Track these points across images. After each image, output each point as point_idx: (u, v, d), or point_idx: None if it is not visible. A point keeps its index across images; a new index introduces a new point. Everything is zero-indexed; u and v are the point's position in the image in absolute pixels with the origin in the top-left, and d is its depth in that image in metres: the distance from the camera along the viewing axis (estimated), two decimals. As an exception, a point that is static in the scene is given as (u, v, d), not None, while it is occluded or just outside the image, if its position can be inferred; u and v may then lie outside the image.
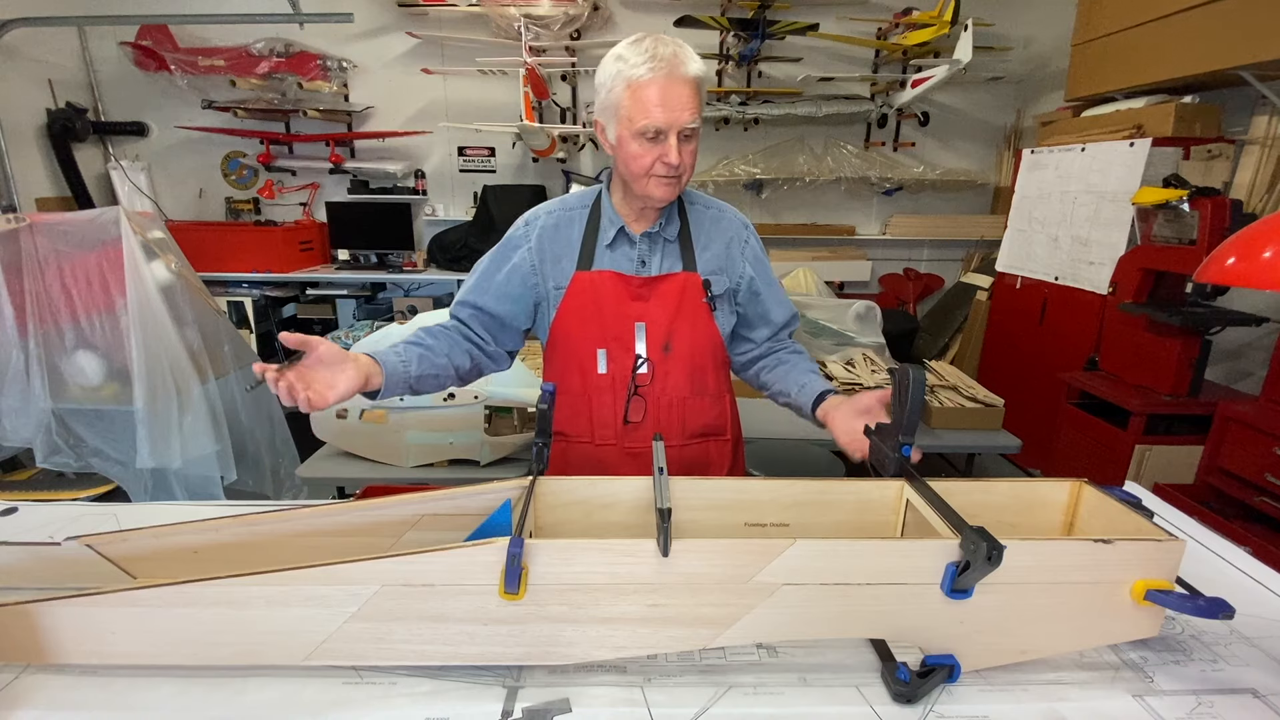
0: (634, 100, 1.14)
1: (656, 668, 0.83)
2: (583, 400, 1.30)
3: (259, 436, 2.70)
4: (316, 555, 0.84)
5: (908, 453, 0.94)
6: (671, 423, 1.31)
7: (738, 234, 1.36)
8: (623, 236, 1.29)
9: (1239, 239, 1.00)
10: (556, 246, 1.31)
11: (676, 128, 1.14)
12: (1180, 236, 2.56)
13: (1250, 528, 2.14)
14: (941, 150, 4.63)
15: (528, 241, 1.32)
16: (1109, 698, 0.79)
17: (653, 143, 1.16)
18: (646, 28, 4.22)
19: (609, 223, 1.30)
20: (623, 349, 1.28)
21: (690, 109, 1.14)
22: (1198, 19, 2.68)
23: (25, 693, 0.77)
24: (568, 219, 1.32)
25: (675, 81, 1.12)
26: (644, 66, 1.12)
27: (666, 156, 1.15)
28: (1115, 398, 2.67)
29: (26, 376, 2.26)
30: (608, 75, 1.18)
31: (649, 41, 1.15)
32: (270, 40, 4.18)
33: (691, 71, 1.14)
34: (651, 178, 1.19)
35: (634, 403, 1.28)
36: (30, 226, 2.22)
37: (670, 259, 1.30)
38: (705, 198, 1.39)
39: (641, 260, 1.29)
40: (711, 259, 1.32)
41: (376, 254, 4.51)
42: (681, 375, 1.30)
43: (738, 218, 1.38)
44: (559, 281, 1.30)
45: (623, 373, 1.28)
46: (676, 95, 1.13)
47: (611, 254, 1.29)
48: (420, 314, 2.06)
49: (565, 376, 1.31)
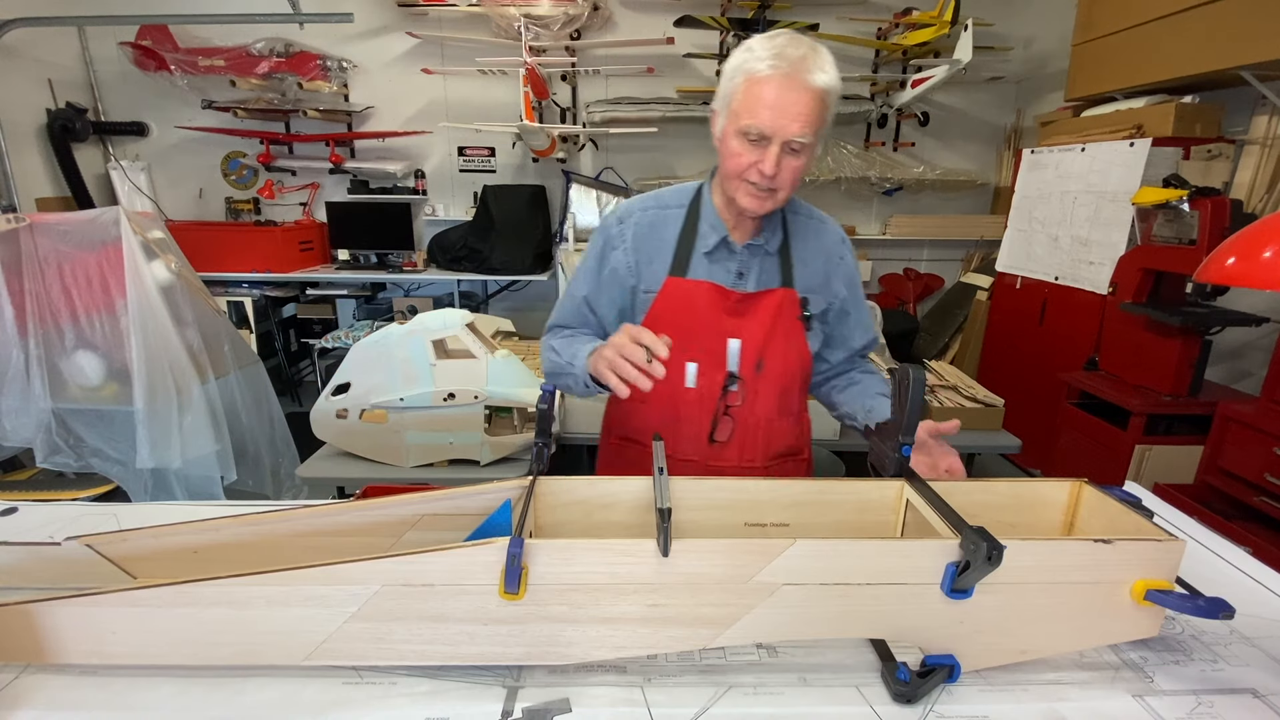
0: (746, 95, 1.05)
1: (656, 668, 0.83)
2: (669, 412, 1.25)
3: (259, 436, 2.70)
4: (316, 555, 0.84)
5: (908, 453, 0.94)
6: (756, 443, 1.25)
7: (835, 250, 1.28)
8: (724, 246, 1.21)
9: (1239, 239, 1.00)
10: (650, 247, 1.23)
11: (782, 137, 1.04)
12: (1180, 236, 2.56)
13: (1250, 528, 2.14)
14: (941, 150, 4.63)
15: (624, 241, 1.25)
16: (1109, 698, 0.79)
17: (754, 146, 1.07)
18: (646, 28, 4.29)
19: (710, 228, 1.21)
20: (714, 364, 1.22)
21: (802, 120, 1.04)
22: (1198, 19, 2.68)
23: (25, 693, 0.77)
24: (663, 218, 1.25)
25: (795, 86, 1.03)
26: (766, 62, 1.03)
27: (762, 165, 1.06)
28: (1115, 398, 2.67)
29: (26, 376, 2.26)
30: (732, 64, 1.09)
31: (783, 38, 1.05)
32: (270, 40, 4.18)
33: (817, 81, 1.04)
34: (742, 183, 1.11)
35: (722, 422, 1.22)
36: (30, 226, 2.22)
37: (769, 272, 1.23)
38: (808, 206, 1.30)
39: (739, 272, 1.22)
40: (810, 275, 1.25)
41: (376, 254, 4.51)
42: (771, 395, 1.24)
43: (837, 231, 1.30)
44: (650, 285, 1.23)
45: (711, 389, 1.22)
46: (792, 101, 1.03)
47: (709, 262, 1.21)
48: (420, 314, 2.06)
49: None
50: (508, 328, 3.13)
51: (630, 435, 1.32)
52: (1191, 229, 2.47)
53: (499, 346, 2.08)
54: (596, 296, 1.29)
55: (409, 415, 2.03)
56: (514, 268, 4.22)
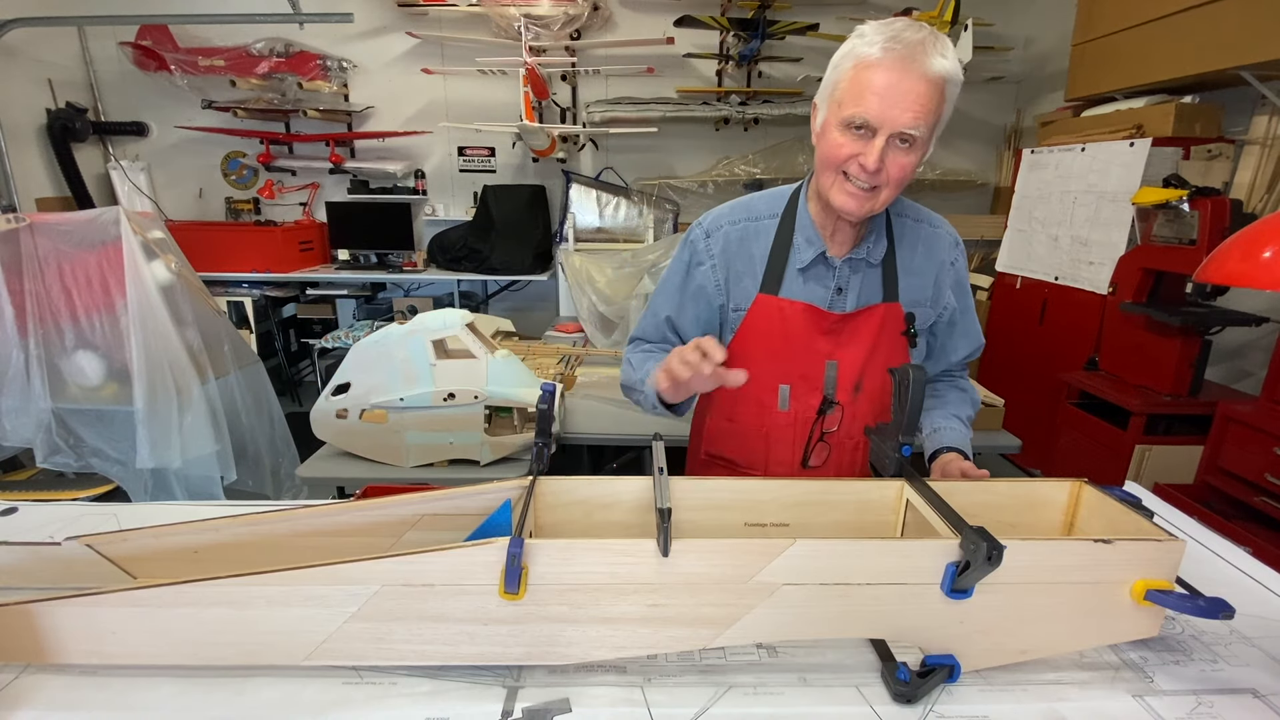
0: (853, 82, 0.96)
1: (656, 668, 0.83)
2: (758, 435, 1.19)
3: (259, 436, 2.70)
4: (316, 555, 0.84)
5: (908, 453, 0.94)
6: (852, 467, 1.20)
7: (947, 257, 1.18)
8: (821, 261, 1.12)
9: (1239, 239, 1.00)
10: (739, 262, 1.15)
11: (891, 128, 0.94)
12: (1180, 236, 2.56)
13: (1250, 528, 2.13)
14: (941, 150, 4.62)
15: (710, 257, 1.16)
16: (1109, 698, 0.79)
17: (856, 137, 0.97)
18: (646, 28, 4.29)
19: (805, 241, 1.12)
20: (809, 387, 1.15)
21: (916, 110, 0.93)
22: (1198, 19, 2.68)
23: (25, 693, 0.77)
24: (754, 230, 1.15)
25: (909, 73, 0.93)
26: (879, 45, 0.94)
27: (864, 158, 0.97)
28: (1115, 398, 2.67)
29: (26, 376, 2.26)
30: (841, 51, 1.00)
31: (901, 23, 0.96)
32: (270, 40, 4.18)
33: (935, 68, 0.93)
34: (839, 178, 1.01)
35: (817, 447, 1.16)
36: (30, 226, 2.22)
37: (870, 287, 1.14)
38: (915, 207, 1.20)
39: (839, 288, 1.13)
40: (917, 288, 1.16)
41: (376, 254, 4.51)
42: (869, 417, 1.17)
43: (950, 234, 1.20)
44: (739, 303, 1.15)
45: (806, 412, 1.15)
46: (906, 89, 0.93)
47: (804, 279, 1.13)
48: (420, 314, 2.06)
49: (738, 407, 1.20)
50: (508, 328, 3.13)
51: (718, 454, 1.26)
52: (1191, 229, 2.47)
53: (499, 346, 2.08)
54: (680, 315, 1.22)
55: (409, 415, 2.03)
56: (514, 268, 4.22)
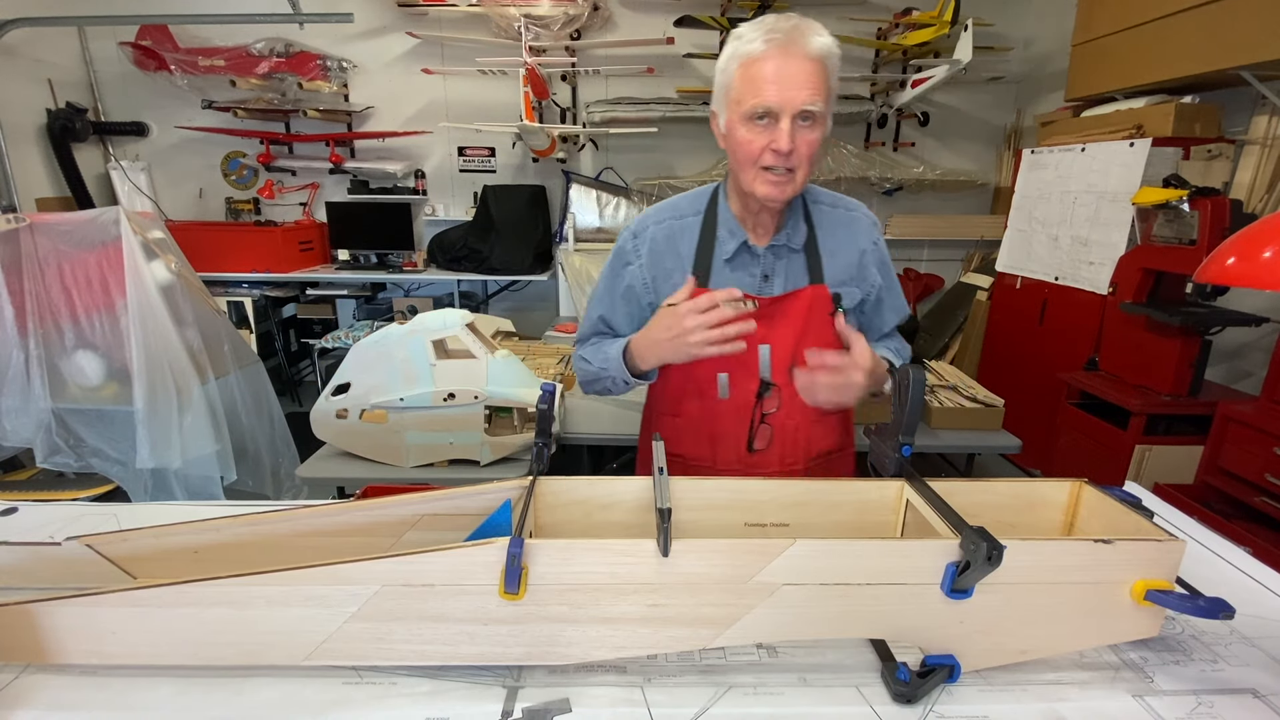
0: (745, 78, 1.02)
1: (656, 668, 0.83)
2: (704, 426, 1.23)
3: (259, 436, 2.70)
4: (316, 555, 0.84)
5: (908, 453, 0.94)
6: (797, 446, 1.23)
7: (867, 236, 1.24)
8: (745, 251, 1.18)
9: (1239, 239, 0.99)
10: (668, 260, 1.20)
11: (791, 109, 1.00)
12: (1180, 236, 2.56)
13: (1250, 528, 2.14)
14: (941, 150, 4.63)
15: (639, 257, 1.22)
16: (1109, 698, 0.79)
17: (763, 128, 1.03)
18: (647, 28, 4.29)
19: (728, 234, 1.18)
20: (746, 374, 1.19)
21: (810, 87, 1.00)
22: (1198, 19, 2.68)
23: (25, 693, 0.77)
24: (679, 228, 1.21)
25: (793, 57, 1.00)
26: (759, 40, 1.00)
27: (776, 142, 1.02)
28: (1115, 398, 2.67)
29: (26, 376, 2.26)
30: (724, 57, 1.07)
31: (770, 17, 1.03)
32: (270, 40, 4.18)
33: (815, 46, 1.00)
34: (758, 170, 1.06)
35: (760, 430, 1.19)
36: (30, 226, 2.22)
37: (796, 271, 1.19)
38: (832, 195, 1.25)
39: (765, 275, 1.18)
40: (842, 268, 1.21)
41: (376, 254, 4.51)
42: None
43: (869, 217, 1.26)
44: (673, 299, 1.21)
45: (746, 398, 1.20)
46: (794, 72, 0.99)
47: (731, 270, 1.18)
48: (420, 314, 2.06)
49: (682, 400, 1.24)
50: (508, 328, 3.13)
51: (670, 450, 1.29)
52: (1191, 229, 2.47)
53: (499, 346, 2.08)
54: (613, 314, 1.28)
55: (409, 415, 2.03)
56: (514, 268, 4.22)
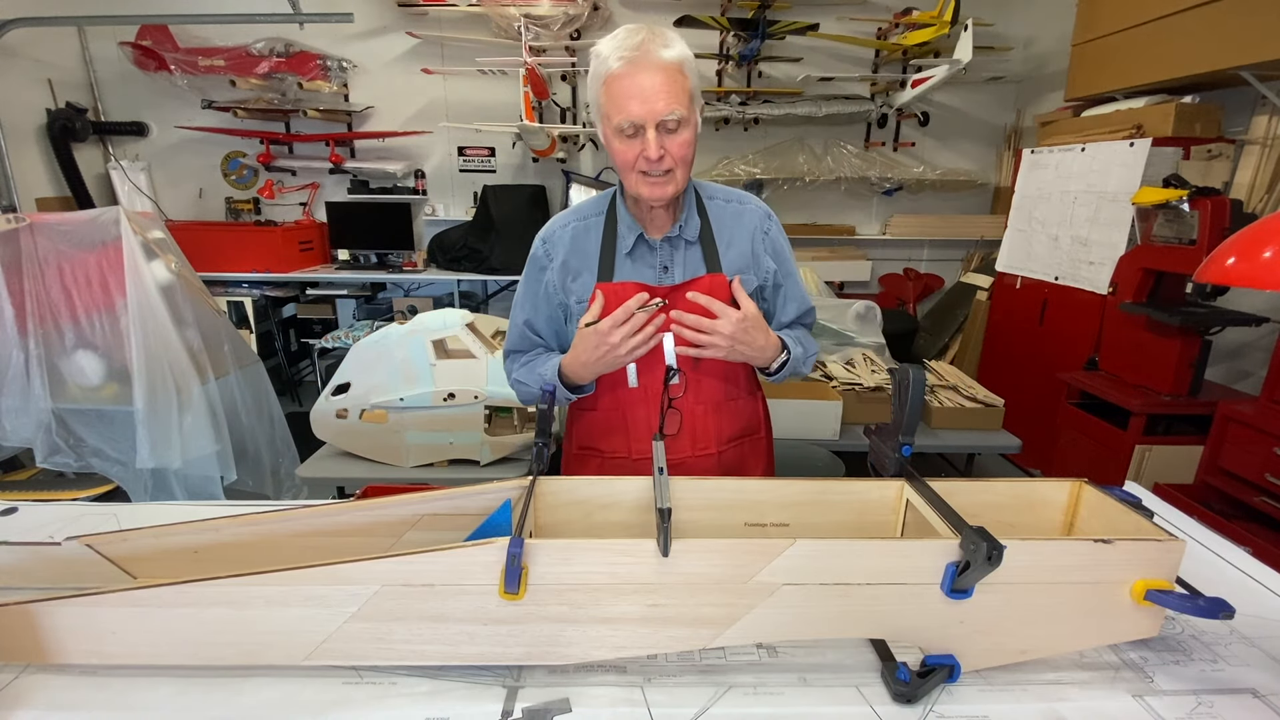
0: (609, 96, 1.08)
1: (656, 668, 0.83)
2: (616, 415, 1.27)
3: (259, 436, 2.70)
4: (316, 555, 0.84)
5: (908, 453, 0.94)
6: (707, 430, 1.27)
7: (759, 226, 1.29)
8: (642, 243, 1.23)
9: (1239, 239, 1.00)
10: (576, 261, 1.26)
11: (654, 119, 1.06)
12: (1180, 236, 2.56)
13: (1250, 528, 2.14)
14: (941, 150, 4.63)
15: (550, 261, 1.28)
16: (1109, 698, 0.79)
17: (633, 139, 1.09)
18: (646, 28, 4.29)
19: (626, 229, 1.23)
20: (653, 360, 1.22)
21: (665, 97, 1.05)
22: (1198, 19, 2.68)
23: (25, 693, 0.77)
24: (584, 229, 1.27)
25: (647, 70, 1.05)
26: (614, 58, 1.06)
27: (646, 152, 1.08)
28: (1115, 398, 2.67)
29: (26, 376, 2.26)
30: (590, 76, 1.13)
31: (622, 33, 1.08)
32: (270, 40, 4.18)
33: (664, 57, 1.06)
34: (637, 175, 1.13)
35: (669, 415, 1.20)
36: (30, 226, 2.22)
37: (693, 261, 1.24)
38: (725, 190, 1.32)
39: (664, 266, 1.23)
40: (736, 257, 1.26)
41: (376, 254, 4.51)
42: (715, 381, 1.26)
43: (760, 208, 1.31)
44: (581, 295, 1.25)
45: (655, 385, 1.23)
46: (650, 85, 1.05)
47: (632, 263, 1.23)
48: (420, 314, 2.06)
49: (598, 394, 1.27)
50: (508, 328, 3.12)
51: (588, 444, 1.33)
52: (1191, 229, 2.47)
53: (499, 346, 2.08)
54: (535, 317, 1.33)
55: (409, 415, 2.03)
56: (514, 268, 4.21)
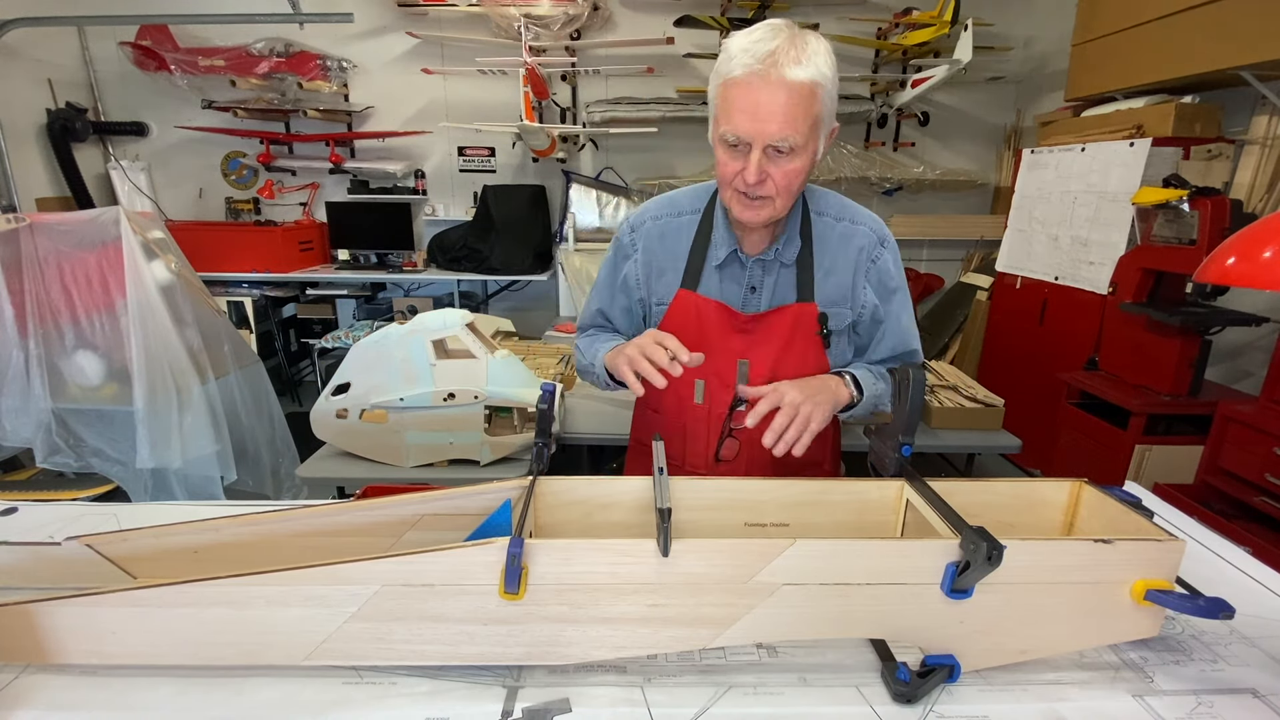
0: (723, 100, 1.00)
1: (656, 668, 0.83)
2: (677, 425, 1.24)
3: (259, 436, 2.70)
4: (316, 555, 0.84)
5: (908, 453, 0.94)
6: (765, 461, 1.18)
7: (867, 254, 1.18)
8: (735, 259, 1.16)
9: (1239, 239, 0.99)
10: (662, 258, 1.19)
11: (762, 142, 0.98)
12: (1180, 236, 2.56)
13: (1250, 528, 2.14)
14: (941, 150, 4.63)
15: (635, 251, 1.22)
16: (1109, 698, 0.79)
17: (736, 153, 1.02)
18: (646, 28, 4.29)
19: (720, 240, 1.16)
20: (721, 384, 1.18)
21: (781, 120, 0.96)
22: (1198, 19, 2.68)
23: (25, 693, 0.77)
24: (675, 227, 1.20)
25: (770, 84, 0.95)
26: (738, 61, 0.97)
27: (745, 173, 1.00)
28: (1115, 398, 2.67)
29: (26, 376, 2.26)
30: (714, 69, 1.04)
31: (760, 30, 0.98)
32: (270, 40, 4.18)
33: (795, 76, 0.95)
34: (733, 192, 1.06)
35: (727, 443, 1.16)
36: (30, 226, 2.22)
37: (785, 286, 1.16)
38: (840, 204, 1.20)
39: (752, 287, 1.17)
40: (834, 287, 1.17)
41: (376, 254, 4.51)
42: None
43: (873, 234, 1.19)
44: (662, 297, 1.20)
45: (719, 408, 1.18)
46: (768, 102, 0.95)
47: (720, 276, 1.17)
48: (420, 314, 2.06)
49: (663, 398, 1.23)
50: (508, 328, 3.13)
51: (645, 440, 1.33)
52: (1191, 229, 2.47)
53: (499, 346, 2.08)
54: (611, 307, 1.29)
55: (409, 415, 2.03)
56: (514, 268, 4.21)
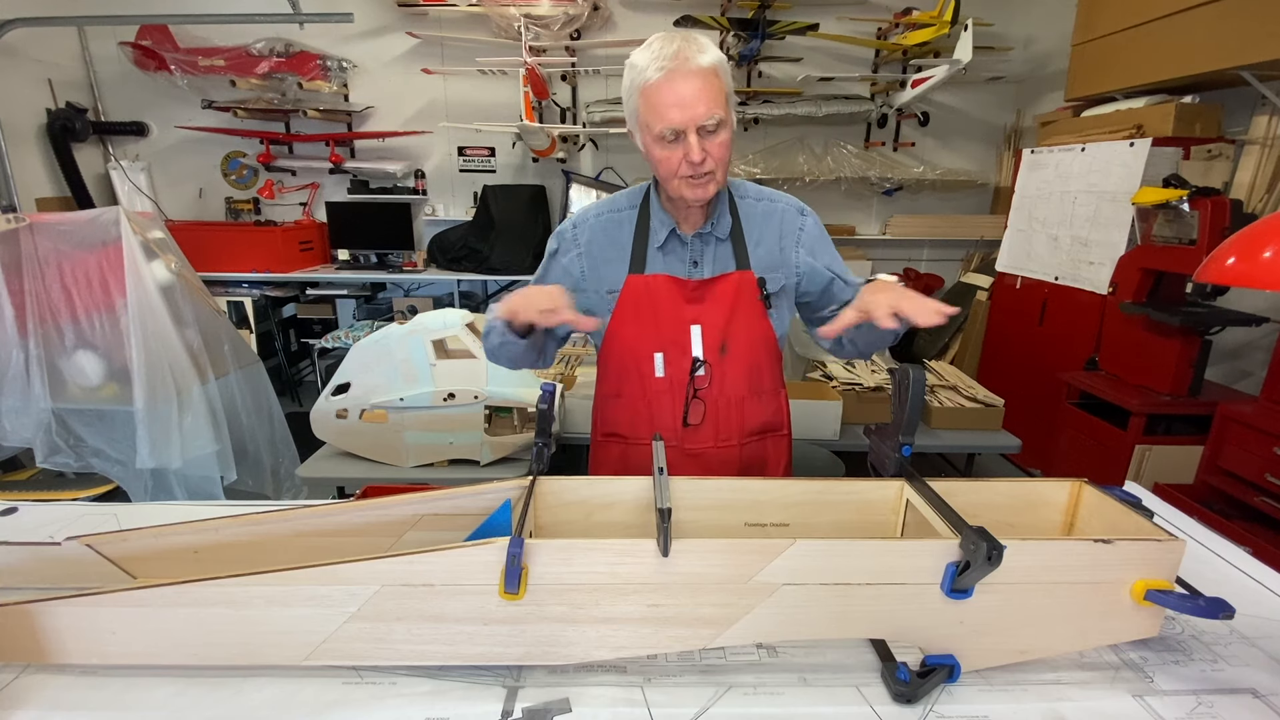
0: (648, 105, 1.12)
1: (656, 668, 0.83)
2: (642, 403, 1.31)
3: (259, 436, 2.70)
4: (316, 555, 0.84)
5: (908, 453, 0.94)
6: (730, 422, 1.30)
7: (790, 223, 1.32)
8: (674, 238, 1.28)
9: (1239, 239, 1.00)
10: (607, 250, 1.30)
11: (694, 125, 1.11)
12: (1180, 236, 2.56)
13: (1250, 528, 2.13)
14: (941, 150, 4.63)
15: (577, 246, 1.32)
16: (1109, 698, 0.79)
17: (674, 144, 1.14)
18: (646, 28, 4.29)
19: (659, 224, 1.28)
20: (680, 352, 1.27)
21: (705, 102, 1.10)
22: (1198, 19, 2.68)
23: (25, 693, 0.77)
24: (616, 221, 1.32)
25: (685, 76, 1.09)
26: (652, 68, 1.10)
27: (689, 155, 1.13)
28: (1115, 398, 2.67)
29: (26, 376, 2.26)
30: (625, 86, 1.17)
31: (658, 43, 1.12)
32: (270, 40, 4.18)
33: (701, 63, 1.10)
34: (680, 180, 1.17)
35: (693, 405, 1.28)
36: (30, 226, 2.22)
37: (723, 258, 1.28)
38: (758, 189, 1.36)
39: (694, 261, 1.28)
40: (765, 255, 1.29)
41: (376, 254, 4.51)
42: (739, 375, 1.29)
43: (791, 205, 1.34)
44: (612, 285, 1.29)
45: (680, 375, 1.28)
46: (689, 91, 1.09)
47: (664, 256, 1.28)
48: (420, 314, 2.06)
49: (623, 380, 1.32)
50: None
51: (613, 430, 1.37)
52: (1191, 229, 2.47)
53: (499, 346, 2.07)
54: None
55: (409, 415, 2.03)
56: (514, 268, 4.21)
